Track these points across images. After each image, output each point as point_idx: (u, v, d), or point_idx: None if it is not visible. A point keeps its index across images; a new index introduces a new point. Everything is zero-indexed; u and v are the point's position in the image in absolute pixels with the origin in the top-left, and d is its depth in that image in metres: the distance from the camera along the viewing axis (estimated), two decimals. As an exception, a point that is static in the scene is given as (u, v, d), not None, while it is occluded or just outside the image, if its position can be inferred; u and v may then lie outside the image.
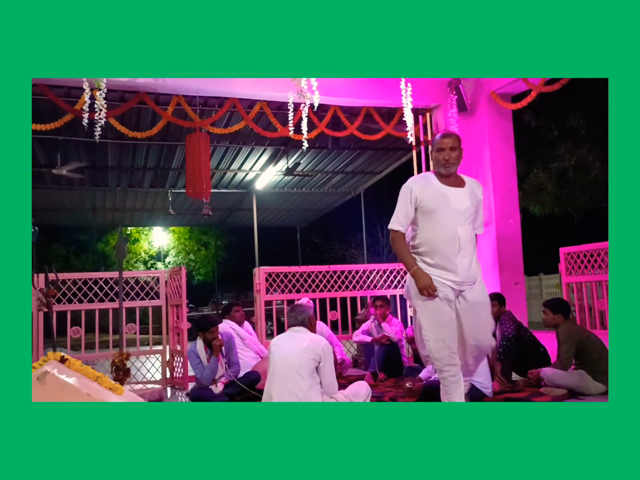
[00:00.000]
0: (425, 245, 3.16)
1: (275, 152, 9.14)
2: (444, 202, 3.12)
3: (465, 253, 3.10)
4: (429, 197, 3.14)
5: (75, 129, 6.95)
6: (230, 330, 5.22)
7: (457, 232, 3.08)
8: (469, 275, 3.12)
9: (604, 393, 4.05)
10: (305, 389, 3.28)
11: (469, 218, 3.16)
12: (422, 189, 3.16)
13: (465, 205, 3.14)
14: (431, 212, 3.13)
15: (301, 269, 6.70)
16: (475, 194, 3.24)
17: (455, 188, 3.18)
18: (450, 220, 3.11)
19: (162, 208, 12.18)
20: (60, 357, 2.24)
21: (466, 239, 3.12)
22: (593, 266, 5.77)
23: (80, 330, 5.81)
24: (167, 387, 5.74)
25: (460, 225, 3.10)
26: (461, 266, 3.09)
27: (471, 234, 3.17)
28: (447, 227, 3.10)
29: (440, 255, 3.11)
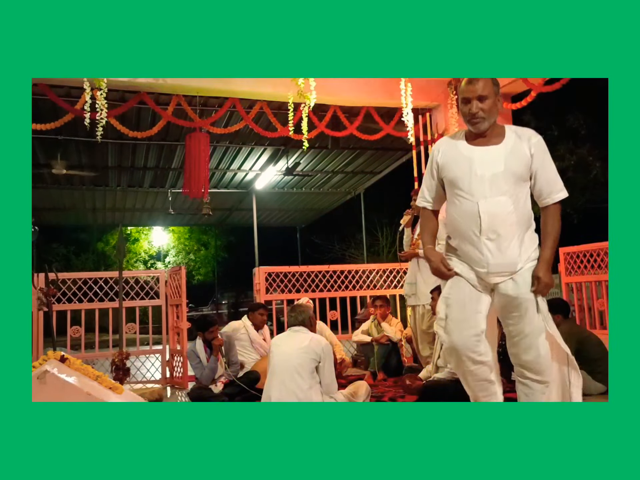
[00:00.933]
0: (450, 225, 2.59)
1: (275, 152, 9.14)
2: (466, 167, 2.46)
3: (493, 234, 2.40)
4: (450, 162, 2.53)
5: (75, 129, 6.95)
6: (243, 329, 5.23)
7: (479, 207, 2.40)
8: (504, 263, 2.42)
9: (603, 393, 4.05)
10: (305, 389, 3.28)
11: (505, 186, 2.41)
12: (445, 153, 2.56)
13: (497, 169, 2.41)
14: (453, 183, 2.50)
15: (301, 269, 6.70)
16: (520, 151, 2.46)
17: (484, 147, 2.47)
18: (473, 191, 2.43)
19: (162, 208, 12.19)
20: (60, 357, 2.24)
21: (495, 214, 2.39)
22: (593, 266, 5.78)
23: (80, 329, 5.81)
24: (167, 386, 5.74)
25: (486, 197, 2.40)
26: (488, 252, 2.41)
27: (508, 207, 2.40)
28: (467, 201, 2.44)
29: (460, 238, 2.51)
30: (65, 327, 5.79)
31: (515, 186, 2.44)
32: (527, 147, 2.48)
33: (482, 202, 2.41)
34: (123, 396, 2.38)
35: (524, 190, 2.49)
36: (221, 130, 6.29)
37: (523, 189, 2.48)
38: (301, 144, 6.03)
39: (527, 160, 2.47)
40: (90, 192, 10.89)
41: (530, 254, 2.48)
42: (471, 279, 2.50)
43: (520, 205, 2.45)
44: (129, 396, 2.51)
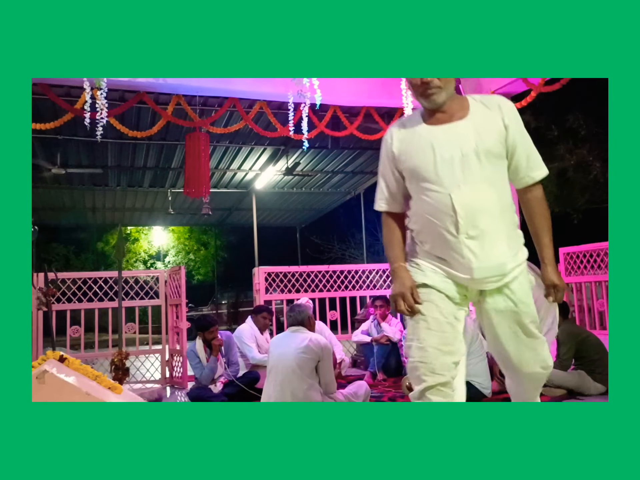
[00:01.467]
0: (416, 224, 2.06)
1: (275, 152, 9.14)
2: (428, 152, 1.97)
3: (475, 230, 1.92)
4: (409, 149, 2.03)
5: (75, 129, 6.95)
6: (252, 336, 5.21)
7: (452, 199, 1.91)
8: (491, 265, 1.95)
9: (603, 393, 4.05)
10: (305, 389, 3.28)
11: (480, 169, 1.93)
12: (400, 140, 2.06)
13: (467, 149, 1.93)
14: (416, 173, 1.99)
15: (300, 269, 6.70)
16: (492, 122, 1.99)
17: (447, 125, 1.99)
18: (442, 180, 1.94)
19: (162, 208, 12.19)
20: (60, 356, 2.24)
21: (474, 206, 1.91)
22: (592, 266, 5.77)
23: (80, 329, 5.81)
24: (167, 386, 5.74)
25: (460, 185, 1.92)
26: (470, 253, 1.93)
27: (489, 195, 1.94)
28: (437, 194, 1.94)
29: (433, 241, 2.00)
30: (65, 327, 5.79)
31: (492, 168, 1.96)
32: (499, 117, 1.99)
33: (455, 192, 1.91)
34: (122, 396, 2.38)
35: (503, 172, 2.02)
36: (221, 130, 6.28)
37: (501, 170, 2.00)
38: (301, 144, 6.03)
39: (502, 133, 1.98)
40: (89, 192, 10.88)
41: (517, 255, 2.04)
42: (448, 290, 2.00)
43: (502, 192, 1.99)
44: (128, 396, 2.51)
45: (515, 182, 2.10)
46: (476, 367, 3.96)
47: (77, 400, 2.09)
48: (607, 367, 4.05)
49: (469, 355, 3.93)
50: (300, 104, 5.65)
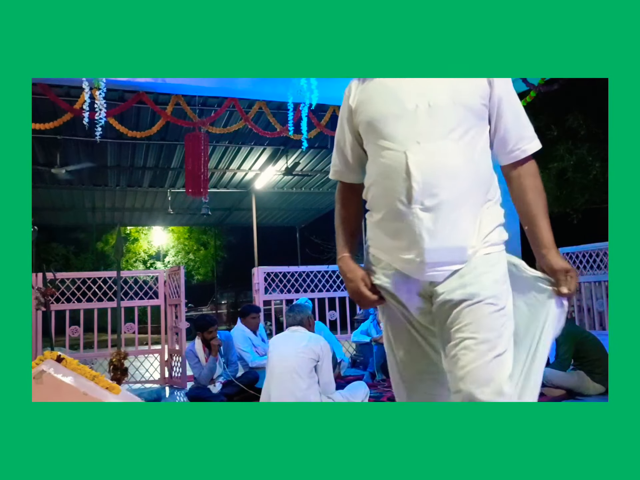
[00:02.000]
0: (370, 192, 1.63)
1: (275, 152, 9.14)
2: (390, 101, 1.58)
3: (432, 200, 1.46)
4: (369, 99, 1.65)
5: (75, 129, 6.95)
6: (247, 339, 5.20)
7: (407, 158, 1.48)
8: (447, 247, 1.48)
9: (602, 393, 4.04)
10: (304, 389, 3.28)
11: (450, 124, 1.51)
12: (362, 90, 1.70)
13: (436, 99, 1.54)
14: (372, 126, 1.60)
15: (300, 269, 6.70)
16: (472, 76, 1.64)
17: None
18: (398, 134, 1.52)
19: (162, 207, 12.20)
20: (57, 356, 2.23)
21: (433, 168, 1.47)
22: (592, 267, 5.77)
23: (79, 329, 5.80)
24: (166, 386, 5.73)
25: (420, 141, 1.49)
26: (423, 230, 1.47)
27: (455, 157, 1.49)
28: (391, 152, 1.52)
29: (384, 212, 1.56)
30: (64, 327, 5.79)
31: (467, 126, 1.53)
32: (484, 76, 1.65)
33: (412, 150, 1.48)
34: (120, 396, 2.37)
35: (481, 135, 1.57)
36: (220, 130, 6.28)
37: (480, 132, 1.57)
38: (300, 144, 6.03)
39: (484, 88, 1.64)
40: (89, 192, 10.89)
41: (488, 235, 1.53)
42: (407, 300, 1.57)
43: (477, 157, 1.53)
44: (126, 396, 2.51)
45: (501, 157, 1.66)
46: None
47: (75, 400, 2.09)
48: (606, 367, 4.05)
49: None
50: (299, 104, 5.65)
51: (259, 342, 5.33)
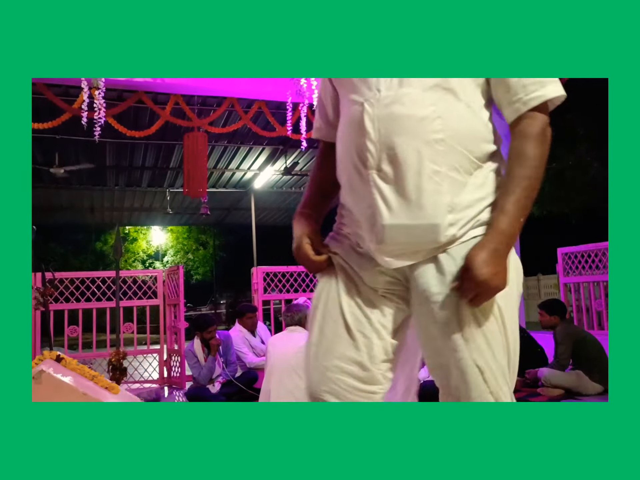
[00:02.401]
0: (337, 152, 1.34)
1: (274, 152, 9.14)
2: None
3: (391, 164, 1.15)
4: None
5: (73, 128, 6.93)
6: (244, 340, 5.18)
7: (364, 110, 1.20)
8: (412, 225, 1.16)
9: (601, 393, 4.05)
10: (303, 388, 3.28)
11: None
12: None
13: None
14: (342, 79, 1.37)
15: (299, 269, 6.69)
16: None
17: None
18: (362, 83, 1.27)
19: (160, 207, 12.19)
20: (56, 356, 2.24)
21: (395, 123, 1.16)
22: (591, 267, 5.79)
23: (78, 329, 5.80)
24: (165, 386, 5.74)
25: (382, 88, 1.23)
26: (380, 200, 1.17)
27: (423, 108, 1.17)
28: (352, 105, 1.26)
29: (342, 172, 1.30)
30: (63, 326, 5.78)
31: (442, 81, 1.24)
32: None
33: (372, 99, 1.21)
34: (119, 396, 2.38)
35: (469, 83, 1.29)
36: (219, 129, 6.29)
37: (469, 82, 1.29)
38: (299, 144, 6.03)
39: None
40: (88, 192, 10.89)
41: (479, 214, 1.19)
42: (358, 266, 1.27)
43: (457, 108, 1.21)
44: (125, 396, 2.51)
45: (506, 112, 1.29)
46: None
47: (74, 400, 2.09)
48: (605, 367, 4.06)
49: None
50: (298, 104, 5.66)
51: (256, 342, 5.32)
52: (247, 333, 5.29)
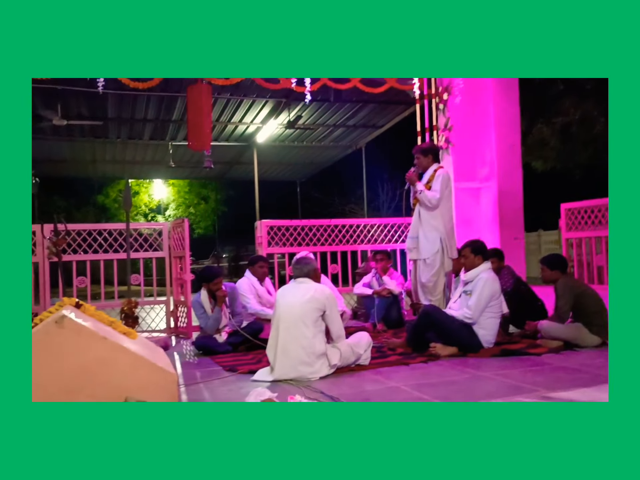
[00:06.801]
0: None
1: (277, 105, 9.04)
2: None
3: None
4: None
5: (75, 79, 6.85)
6: (251, 287, 5.28)
7: None
8: None
9: (599, 345, 4.16)
10: (310, 337, 3.38)
11: None
12: None
13: None
14: None
15: (302, 223, 6.74)
16: None
17: None
18: None
19: (163, 161, 12.11)
20: (76, 302, 2.30)
21: None
22: (593, 222, 5.83)
23: (86, 280, 5.89)
24: (172, 335, 5.88)
25: None
26: None
27: None
28: None
29: None
30: (71, 278, 5.87)
31: None
32: None
33: None
34: (137, 341, 2.46)
35: None
36: (223, 81, 6.19)
37: None
38: (303, 97, 5.97)
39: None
40: (90, 144, 10.80)
41: None
42: None
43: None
44: (142, 341, 2.59)
45: None
46: (486, 321, 4.12)
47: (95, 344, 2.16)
48: (605, 320, 4.16)
49: (486, 309, 4.09)
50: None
51: (263, 292, 5.42)
52: (256, 281, 5.38)
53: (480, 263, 4.25)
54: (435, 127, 6.75)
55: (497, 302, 4.17)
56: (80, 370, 2.17)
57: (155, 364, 2.31)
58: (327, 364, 3.46)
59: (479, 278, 4.15)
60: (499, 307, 4.22)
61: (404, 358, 4.00)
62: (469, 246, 4.33)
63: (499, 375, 3.39)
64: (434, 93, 6.73)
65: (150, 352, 2.50)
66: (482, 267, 4.23)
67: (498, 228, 6.43)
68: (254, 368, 3.74)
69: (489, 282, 4.12)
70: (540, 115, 11.72)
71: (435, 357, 3.98)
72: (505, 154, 6.54)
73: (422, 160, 5.22)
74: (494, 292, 4.12)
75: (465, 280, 4.28)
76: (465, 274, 4.29)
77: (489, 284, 4.11)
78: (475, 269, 4.22)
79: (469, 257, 4.29)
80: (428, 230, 5.08)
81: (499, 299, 4.22)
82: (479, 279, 4.14)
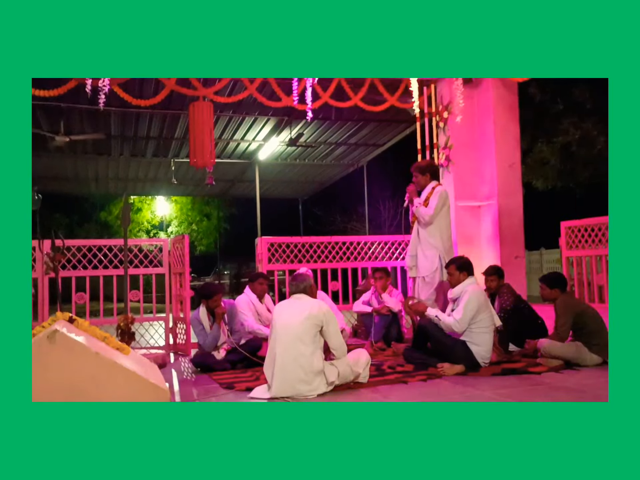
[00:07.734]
0: None
1: (279, 123, 9.09)
2: None
3: None
4: None
5: (78, 96, 6.91)
6: (249, 305, 5.25)
7: None
8: None
9: (599, 364, 4.12)
10: (308, 355, 3.35)
11: None
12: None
13: None
14: None
15: (303, 240, 6.73)
16: None
17: None
18: None
19: (165, 177, 12.16)
20: (69, 317, 2.29)
21: None
22: (594, 240, 5.81)
23: (85, 296, 5.88)
24: (171, 352, 5.84)
25: None
26: None
27: None
28: None
29: None
30: (70, 294, 5.86)
31: None
32: None
33: None
34: (130, 357, 2.44)
35: None
36: (224, 99, 6.25)
37: None
38: (305, 115, 6.01)
39: None
40: (93, 161, 10.87)
41: None
42: None
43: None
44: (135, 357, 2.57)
45: None
46: (479, 337, 4.09)
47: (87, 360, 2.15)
48: (605, 339, 4.12)
49: (476, 323, 4.05)
50: (304, 74, 5.62)
51: (262, 309, 5.38)
52: (255, 299, 5.35)
53: (466, 279, 4.26)
54: (436, 145, 6.78)
55: (486, 316, 4.14)
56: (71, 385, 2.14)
57: (148, 379, 2.29)
58: (325, 381, 3.43)
59: (464, 291, 4.17)
60: (490, 320, 4.19)
61: (403, 376, 3.96)
62: (454, 263, 4.36)
63: (499, 395, 3.35)
64: (434, 111, 6.77)
65: (143, 368, 2.48)
66: (467, 281, 4.25)
67: (499, 246, 6.41)
68: (251, 385, 3.72)
69: (475, 294, 4.13)
70: (540, 134, 11.78)
71: (436, 376, 3.94)
72: (506, 172, 6.56)
73: (420, 179, 5.24)
74: (480, 303, 4.10)
75: (452, 298, 4.30)
76: (452, 291, 4.31)
77: (475, 295, 4.12)
78: (461, 284, 4.24)
79: (454, 274, 4.31)
80: (426, 248, 5.08)
81: (488, 312, 4.19)
82: (464, 292, 4.16)
